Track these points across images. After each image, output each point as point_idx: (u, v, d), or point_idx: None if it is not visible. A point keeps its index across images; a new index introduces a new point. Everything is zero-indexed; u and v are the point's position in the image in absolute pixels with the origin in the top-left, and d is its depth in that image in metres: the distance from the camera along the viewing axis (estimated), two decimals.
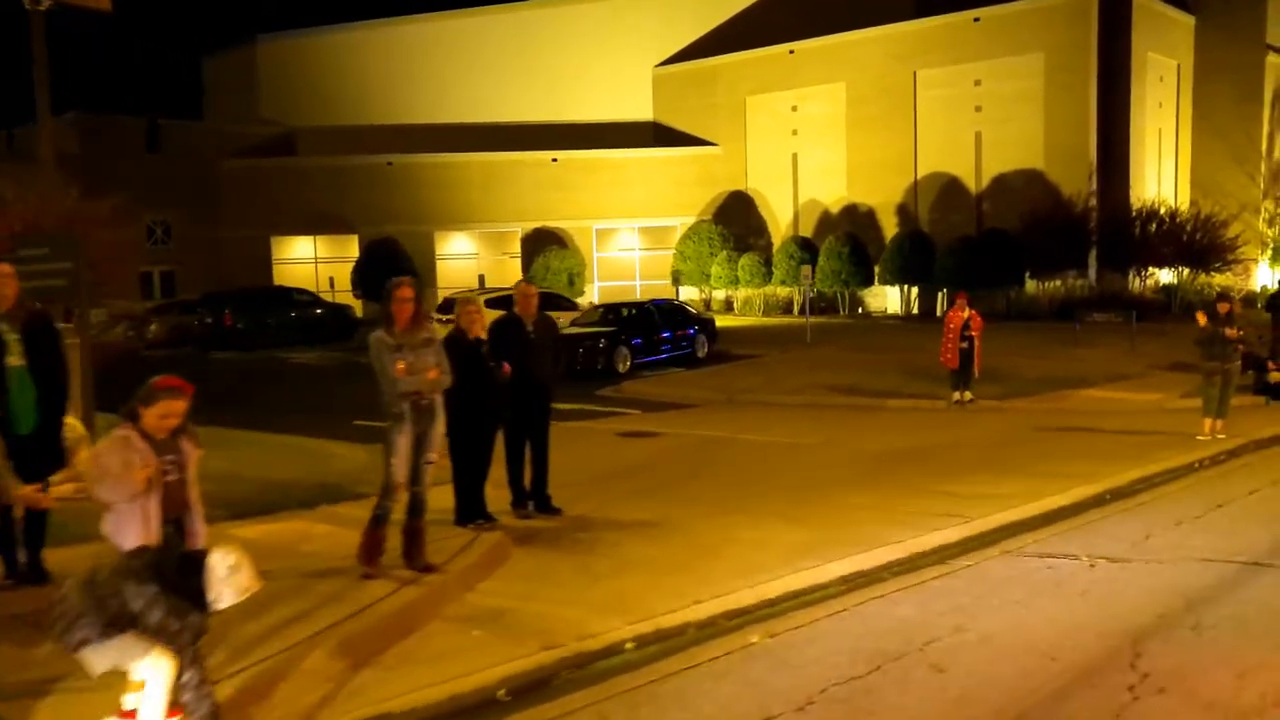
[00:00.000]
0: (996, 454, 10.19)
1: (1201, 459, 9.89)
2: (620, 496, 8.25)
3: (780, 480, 8.94)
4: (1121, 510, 7.50)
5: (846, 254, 30.75)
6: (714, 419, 13.47)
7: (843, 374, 16.99)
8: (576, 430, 12.55)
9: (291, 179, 36.53)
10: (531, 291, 7.49)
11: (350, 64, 39.65)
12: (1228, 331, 11.00)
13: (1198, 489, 8.29)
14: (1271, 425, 12.00)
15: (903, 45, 33.15)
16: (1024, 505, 7.57)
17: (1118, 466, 9.16)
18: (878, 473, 9.21)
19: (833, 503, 7.87)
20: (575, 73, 39.49)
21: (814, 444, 11.03)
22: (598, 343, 18.62)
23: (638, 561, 6.13)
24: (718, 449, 10.84)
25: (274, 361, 24.04)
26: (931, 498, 7.98)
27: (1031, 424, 12.31)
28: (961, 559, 6.16)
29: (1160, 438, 11.08)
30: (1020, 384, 15.54)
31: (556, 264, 34.47)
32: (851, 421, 12.89)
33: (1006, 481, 8.59)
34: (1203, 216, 29.54)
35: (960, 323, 14.07)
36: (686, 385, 16.64)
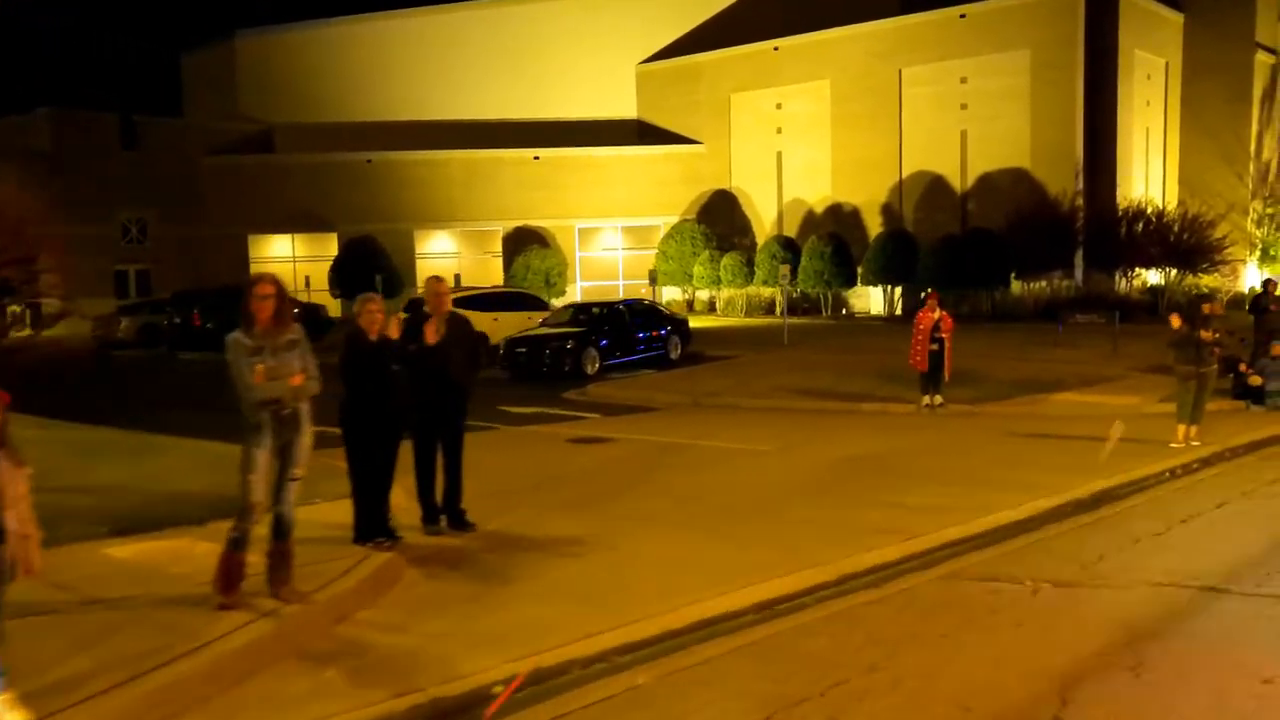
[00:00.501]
0: (958, 462, 9.69)
1: (1173, 468, 9.40)
2: (550, 509, 7.74)
3: (725, 490, 8.43)
4: (1079, 526, 7.00)
5: (829, 254, 30.26)
6: (675, 424, 12.96)
7: (815, 376, 16.49)
8: (527, 435, 12.05)
9: (270, 176, 35.99)
10: (443, 289, 6.94)
11: (331, 60, 39.06)
12: (1203, 334, 10.50)
13: (1163, 501, 7.79)
14: (1249, 431, 11.52)
15: (887, 42, 32.69)
16: (976, 520, 7.07)
17: (1083, 476, 8.67)
18: (829, 483, 8.71)
19: (774, 516, 7.36)
20: (558, 70, 38.95)
21: (771, 450, 10.52)
22: (565, 344, 18.09)
23: (543, 585, 5.63)
24: (669, 456, 10.33)
25: None
26: (880, 510, 7.47)
27: (1001, 429, 11.81)
28: (897, 581, 5.65)
29: (1133, 445, 10.58)
30: (995, 387, 15.04)
31: (537, 263, 33.96)
32: (815, 426, 12.38)
33: (963, 492, 8.09)
34: (1190, 216, 29.09)
35: (930, 324, 13.57)
36: (653, 388, 16.12)
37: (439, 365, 6.57)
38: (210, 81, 40.76)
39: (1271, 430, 11.71)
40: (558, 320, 19.80)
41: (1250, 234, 32.25)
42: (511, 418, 13.46)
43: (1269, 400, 13.72)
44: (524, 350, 18.27)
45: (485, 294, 21.70)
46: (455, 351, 6.69)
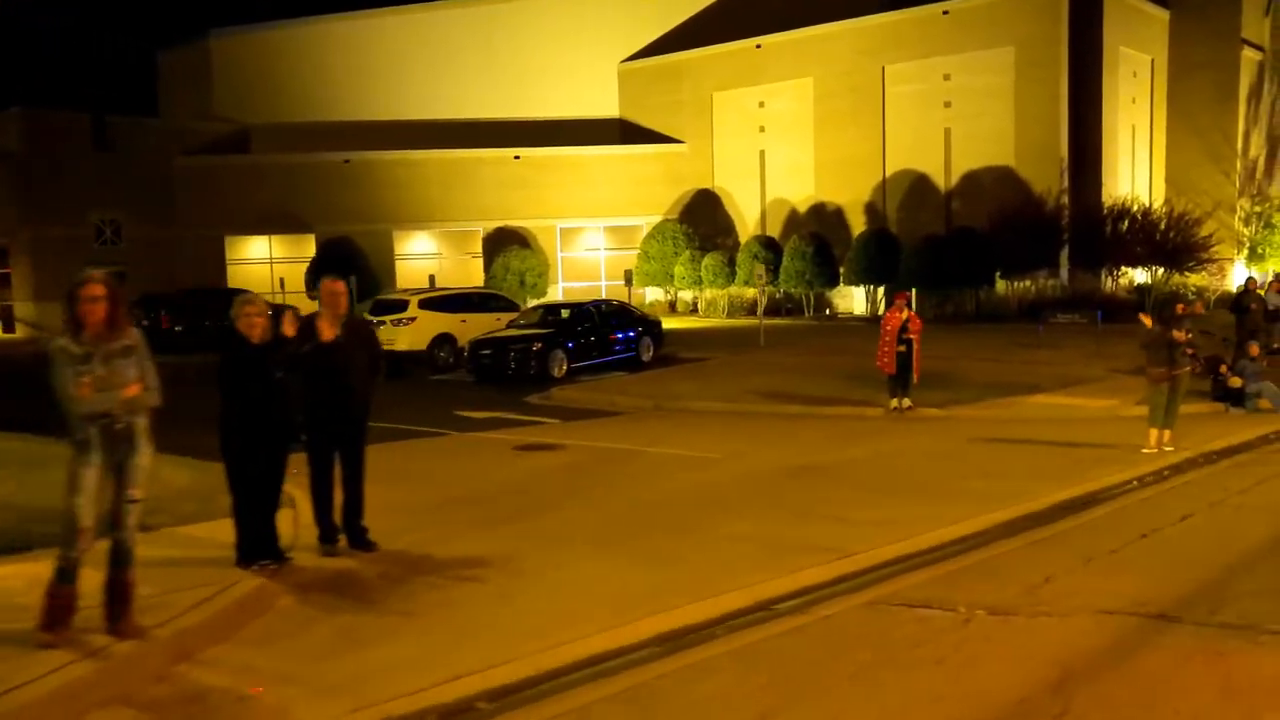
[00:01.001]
0: (916, 470, 9.19)
1: (1141, 475, 8.91)
2: (470, 524, 7.22)
3: (661, 503, 7.93)
4: (1031, 542, 6.50)
5: (810, 254, 29.77)
6: (631, 429, 12.46)
7: (785, 379, 16.00)
8: (475, 443, 11.53)
9: (246, 177, 35.40)
10: (339, 288, 6.39)
11: (308, 59, 38.48)
12: (1176, 334, 10.02)
13: (1126, 514, 7.30)
14: (1225, 436, 11.05)
15: (871, 39, 32.22)
16: (922, 535, 6.57)
17: (1045, 486, 8.18)
18: (775, 493, 8.21)
19: (706, 532, 6.86)
20: (539, 68, 38.42)
21: (722, 458, 10.02)
22: (530, 346, 17.57)
23: (427, 616, 5.11)
24: (615, 464, 9.82)
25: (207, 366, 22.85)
26: (822, 525, 6.97)
27: (968, 434, 11.32)
28: (821, 607, 5.15)
29: (1102, 451, 10.11)
30: (968, 389, 14.56)
31: (517, 264, 33.41)
32: (775, 432, 11.89)
33: (914, 504, 7.59)
34: (1176, 215, 28.66)
35: (898, 324, 13.08)
36: (617, 391, 15.60)
37: (336, 369, 6.05)
38: (186, 81, 40.19)
39: (1248, 434, 11.25)
40: (526, 322, 19.28)
41: (1238, 232, 31.84)
42: (465, 423, 12.94)
43: (1248, 403, 13.25)
44: (488, 353, 17.75)
45: (453, 295, 21.16)
46: (355, 355, 6.17)
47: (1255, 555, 5.94)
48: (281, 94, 37.98)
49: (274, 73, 38.44)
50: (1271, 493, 7.93)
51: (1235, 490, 7.99)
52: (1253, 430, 11.57)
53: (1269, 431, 11.61)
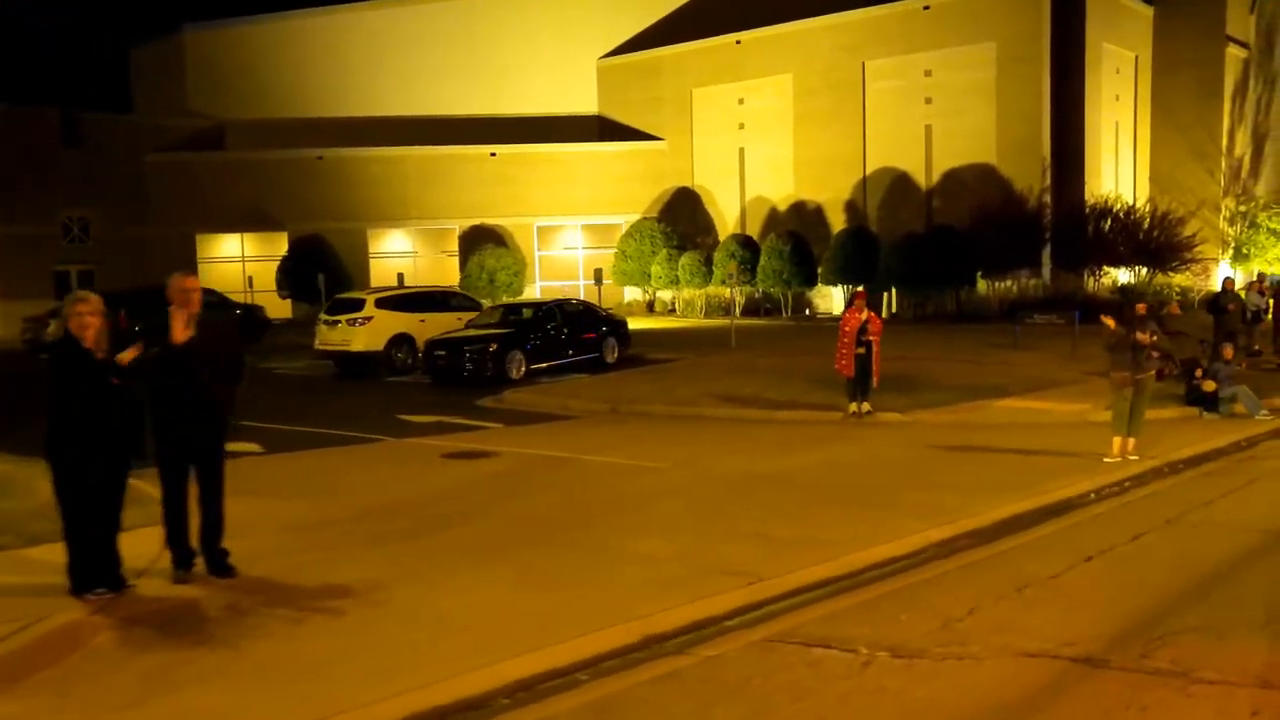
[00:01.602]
0: (862, 481, 8.63)
1: (1100, 487, 8.35)
2: (359, 542, 6.63)
3: (581, 517, 7.35)
4: (965, 564, 5.93)
5: (788, 253, 29.21)
6: (577, 435, 11.88)
7: (748, 381, 15.43)
8: (402, 450, 10.92)
9: (219, 174, 34.75)
10: (190, 285, 5.78)
11: (284, 54, 37.81)
12: (1139, 336, 9.47)
13: (1076, 532, 6.73)
14: (1195, 442, 10.50)
15: (851, 35, 31.69)
16: (849, 555, 6.00)
17: (995, 499, 7.62)
18: (705, 506, 7.63)
19: (617, 551, 6.28)
20: (517, 64, 37.82)
21: (663, 467, 9.43)
22: (487, 346, 16.95)
23: (264, 653, 4.53)
24: (545, 473, 9.23)
25: None
26: (744, 544, 6.40)
27: (927, 441, 10.76)
28: (709, 645, 4.57)
29: (1063, 460, 9.56)
30: (934, 393, 14.00)
31: (492, 263, 32.82)
32: (727, 437, 11.32)
33: (851, 518, 7.03)
34: (1160, 214, 28.19)
35: (857, 325, 12.49)
36: (573, 394, 15.01)
37: (187, 374, 5.45)
38: (160, 76, 39.48)
39: (1219, 441, 10.71)
40: (485, 321, 18.66)
41: (1223, 232, 31.39)
42: (404, 428, 12.34)
43: (1223, 407, 12.71)
44: (443, 353, 17.13)
45: (411, 294, 20.53)
46: (210, 359, 5.56)
47: (1206, 581, 5.39)
48: (257, 89, 37.32)
49: (249, 68, 37.78)
50: (1234, 507, 7.38)
51: (1198, 503, 7.44)
52: (1224, 436, 11.04)
53: (1241, 438, 11.08)
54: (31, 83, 38.57)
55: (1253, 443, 10.89)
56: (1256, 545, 6.13)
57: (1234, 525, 6.73)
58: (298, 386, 18.16)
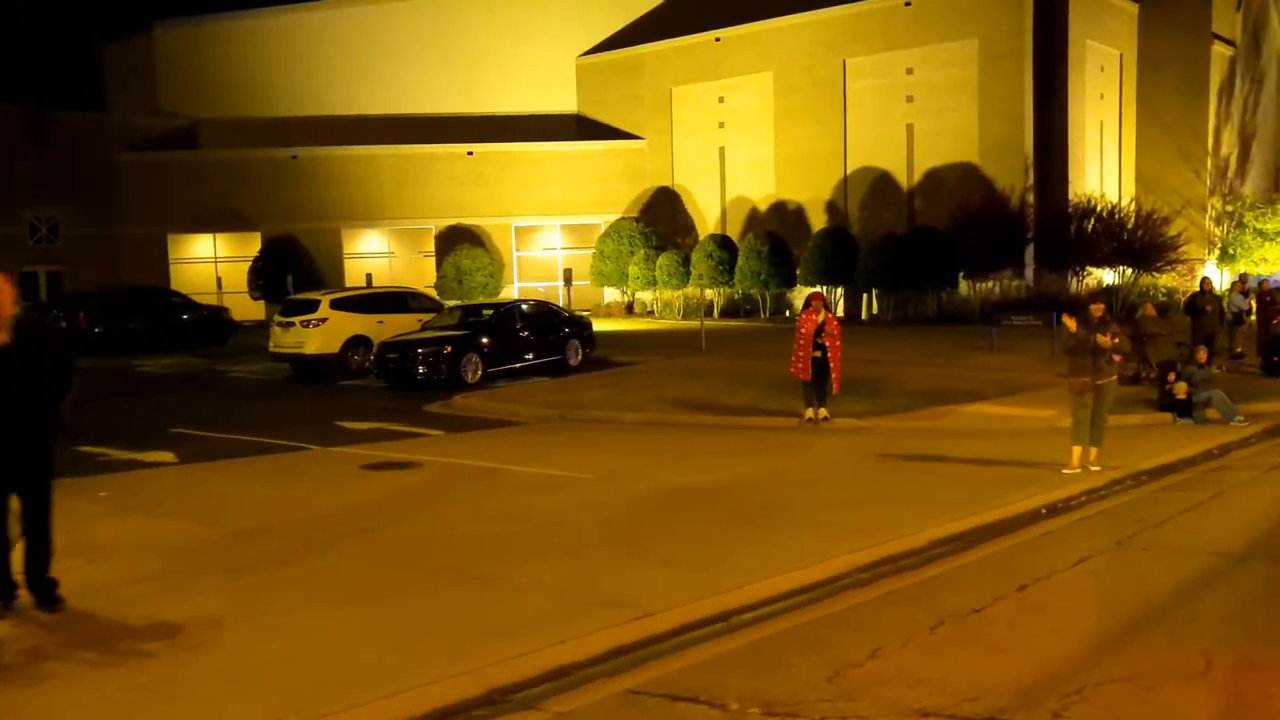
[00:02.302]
0: (797, 495, 8.03)
1: (1053, 502, 7.77)
2: (220, 569, 6.01)
3: (479, 538, 6.74)
4: (884, 594, 5.34)
5: (766, 253, 28.64)
6: (516, 443, 11.28)
7: (708, 385, 14.85)
8: (321, 460, 10.28)
9: (191, 173, 34.11)
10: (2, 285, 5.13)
11: (256, 52, 37.16)
12: (1100, 339, 8.89)
13: (1014, 555, 6.14)
14: (1163, 451, 9.93)
15: (832, 31, 31.15)
16: (757, 583, 5.41)
17: (937, 516, 7.03)
18: (620, 524, 7.03)
19: (503, 579, 5.67)
20: (495, 62, 37.20)
21: (591, 479, 8.84)
22: (441, 349, 16.33)
23: (34, 707, 3.89)
24: (463, 487, 8.63)
25: (120, 370, 21.64)
26: (644, 569, 5.81)
27: (880, 450, 10.17)
28: (563, 698, 3.96)
29: (1020, 471, 8.98)
30: (898, 398, 13.42)
31: (467, 263, 32.22)
32: (669, 446, 10.73)
33: (774, 538, 6.44)
34: (1144, 213, 27.67)
35: (814, 327, 11.91)
36: (525, 399, 14.40)
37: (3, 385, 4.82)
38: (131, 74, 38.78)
39: (1188, 450, 10.14)
40: (443, 323, 18.03)
41: (1209, 232, 30.89)
42: (337, 436, 11.73)
43: (1196, 413, 12.15)
44: (395, 356, 16.52)
45: (368, 294, 19.91)
46: (27, 367, 4.93)
47: (1146, 617, 4.80)
48: (230, 88, 36.66)
49: (222, 66, 37.12)
50: (1193, 525, 6.81)
51: (1152, 522, 6.85)
52: (1195, 444, 10.47)
53: (1213, 446, 10.51)
54: None
55: (1224, 451, 10.33)
56: (1208, 571, 5.55)
57: (1188, 547, 6.14)
58: (247, 391, 17.54)
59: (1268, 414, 12.54)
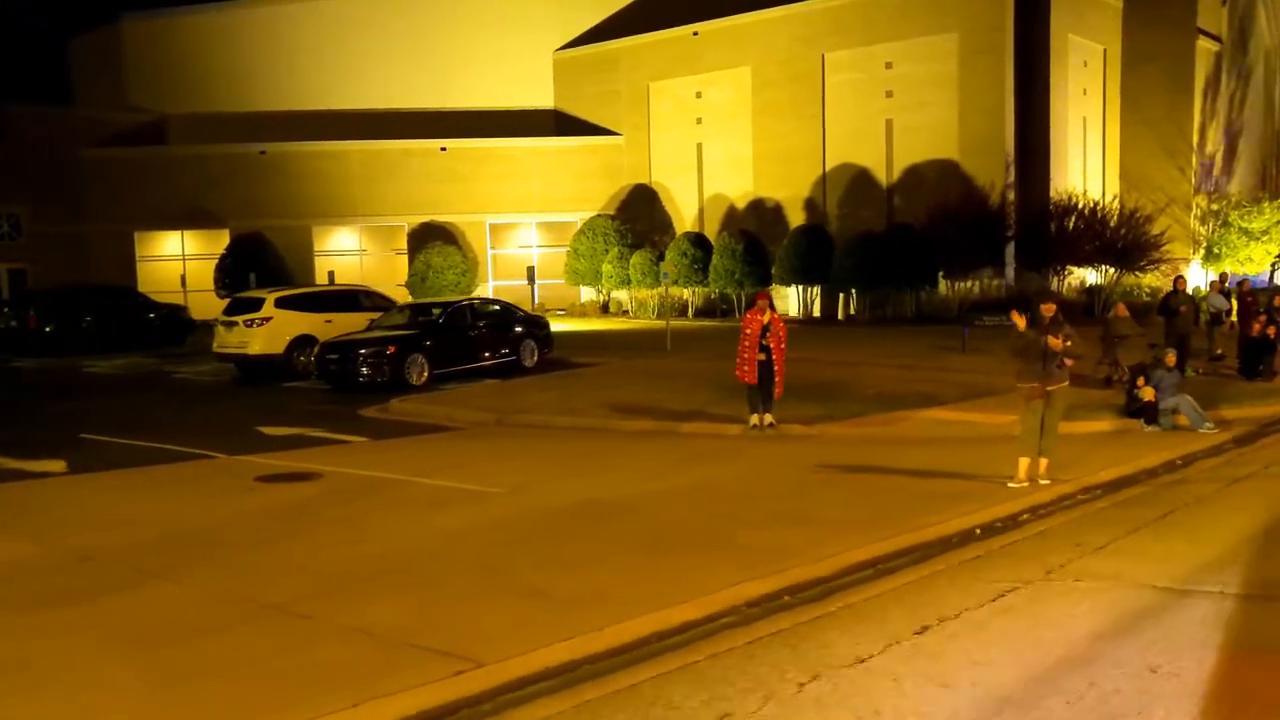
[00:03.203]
0: (718, 512, 7.36)
1: (988, 522, 7.08)
2: (28, 602, 5.29)
3: (336, 564, 6.05)
4: (759, 637, 4.63)
5: (740, 252, 27.94)
6: (434, 451, 10.59)
7: (659, 388, 14.17)
8: (219, 471, 9.56)
9: (158, 169, 33.34)
10: None
11: (226, 46, 36.38)
12: (1050, 341, 8.22)
13: (928, 587, 5.45)
14: (1121, 462, 9.26)
15: (810, 25, 30.47)
16: (616, 626, 4.73)
17: (856, 537, 6.36)
18: (503, 549, 6.35)
19: (329, 619, 4.99)
20: (469, 56, 36.46)
21: (499, 492, 8.15)
22: (384, 350, 15.62)
23: None
24: (353, 502, 7.93)
25: (66, 370, 20.92)
26: (505, 605, 5.13)
27: (823, 459, 9.48)
28: None
29: (963, 484, 8.30)
30: (854, 402, 12.75)
31: (439, 261, 31.49)
32: (597, 454, 10.04)
33: (659, 567, 5.77)
34: (1127, 211, 27.03)
35: (759, 328, 11.23)
36: (465, 403, 13.70)
37: None
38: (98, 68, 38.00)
39: (1149, 460, 9.46)
40: (391, 322, 17.31)
41: (1194, 231, 30.26)
42: (252, 443, 11.02)
43: (1163, 419, 11.49)
44: (335, 357, 15.79)
45: (316, 292, 19.19)
46: None
47: (1053, 673, 4.11)
48: (199, 82, 35.89)
49: (192, 60, 36.35)
50: (1134, 550, 6.12)
51: (1092, 546, 6.16)
52: (1158, 454, 9.80)
53: (1177, 455, 9.84)
54: None
55: (1188, 461, 9.65)
56: (1142, 609, 4.87)
57: (1126, 577, 5.45)
58: (185, 393, 16.81)
59: (1240, 420, 11.91)
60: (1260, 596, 4.97)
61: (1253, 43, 34.02)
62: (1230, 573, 5.42)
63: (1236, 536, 6.30)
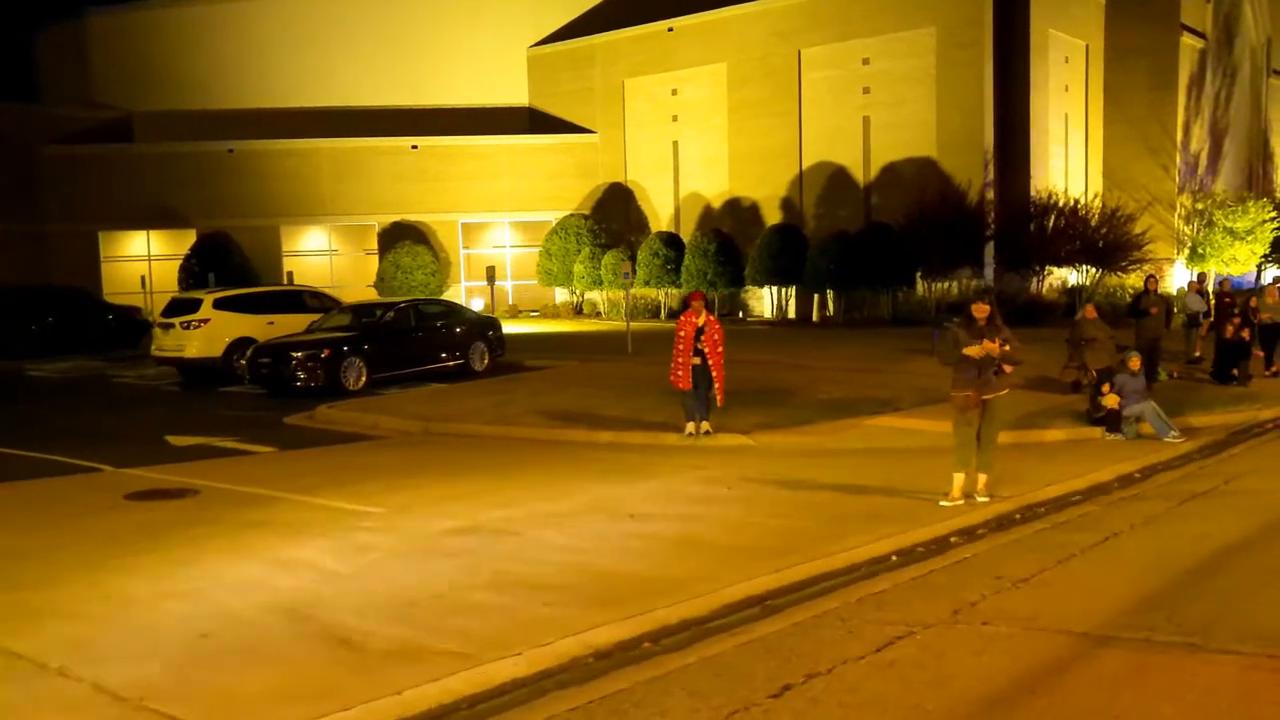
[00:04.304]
0: (603, 537, 6.61)
1: (910, 546, 6.35)
2: None
3: (101, 613, 5.24)
4: (590, 700, 3.89)
5: (713, 252, 27.23)
6: (338, 465, 9.84)
7: (603, 394, 13.43)
8: (98, 485, 8.80)
9: (123, 168, 32.53)
10: None
11: (195, 42, 35.59)
12: (986, 345, 7.50)
13: (810, 632, 4.69)
14: (1073, 476, 8.53)
15: (787, 20, 29.78)
16: (420, 688, 3.95)
17: (751, 567, 5.63)
18: (341, 585, 5.58)
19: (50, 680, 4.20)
20: (442, 52, 35.72)
21: (379, 513, 7.41)
22: (319, 353, 14.86)
23: None
24: (203, 526, 7.16)
25: (7, 375, 20.14)
26: (313, 652, 4.36)
27: (751, 473, 8.74)
28: None
29: (892, 501, 7.58)
30: (803, 409, 12.02)
31: (408, 261, 30.76)
32: (512, 468, 9.29)
33: (504, 610, 4.99)
34: (1109, 210, 26.36)
35: (693, 331, 10.50)
36: (395, 410, 12.95)
37: None
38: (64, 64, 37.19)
39: (1104, 473, 8.74)
40: (332, 324, 16.55)
41: (1178, 230, 29.60)
42: (152, 453, 10.27)
43: (1126, 428, 10.78)
44: (267, 360, 15.04)
45: (257, 293, 18.42)
46: None
47: None
48: (167, 79, 35.11)
49: (159, 56, 35.57)
50: (1059, 585, 5.37)
51: (1014, 579, 5.42)
52: (1115, 466, 9.08)
53: (1135, 468, 9.13)
54: None
55: (1147, 474, 8.94)
56: (1051, 662, 4.14)
57: (1042, 621, 4.71)
58: (116, 398, 16.05)
59: (1209, 428, 11.21)
60: (1183, 645, 4.25)
61: (1238, 40, 33.39)
62: (1160, 614, 4.70)
63: (1176, 567, 5.59)
